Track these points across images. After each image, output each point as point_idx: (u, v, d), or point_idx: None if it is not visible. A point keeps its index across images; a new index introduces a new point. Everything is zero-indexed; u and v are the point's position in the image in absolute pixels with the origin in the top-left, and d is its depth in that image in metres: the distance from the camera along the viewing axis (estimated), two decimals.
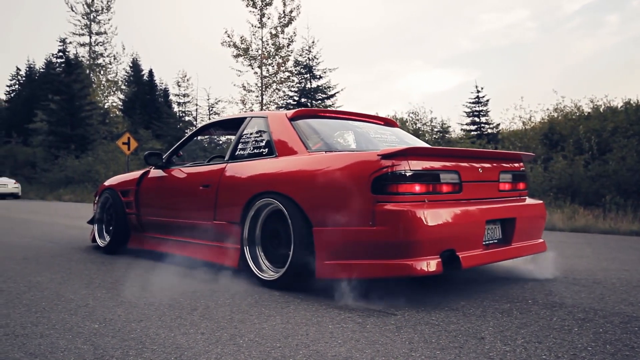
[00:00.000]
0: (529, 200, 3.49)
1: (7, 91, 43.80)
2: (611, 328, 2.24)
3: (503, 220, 3.10)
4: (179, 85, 37.29)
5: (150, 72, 39.14)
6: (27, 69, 43.04)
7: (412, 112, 30.48)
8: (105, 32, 33.54)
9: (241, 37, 26.71)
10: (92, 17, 33.12)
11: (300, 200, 3.00)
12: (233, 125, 4.30)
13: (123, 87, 35.55)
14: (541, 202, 3.54)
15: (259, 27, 26.79)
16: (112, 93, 34.19)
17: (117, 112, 34.59)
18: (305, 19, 55.97)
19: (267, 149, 3.54)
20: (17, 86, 44.04)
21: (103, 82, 33.37)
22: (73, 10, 32.73)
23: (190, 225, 3.89)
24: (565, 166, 11.25)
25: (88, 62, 32.75)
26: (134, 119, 33.64)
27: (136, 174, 4.86)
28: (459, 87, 58.47)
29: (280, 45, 27.00)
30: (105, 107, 32.89)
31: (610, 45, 49.85)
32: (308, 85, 28.53)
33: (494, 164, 3.21)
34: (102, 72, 33.77)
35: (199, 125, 4.68)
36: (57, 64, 32.17)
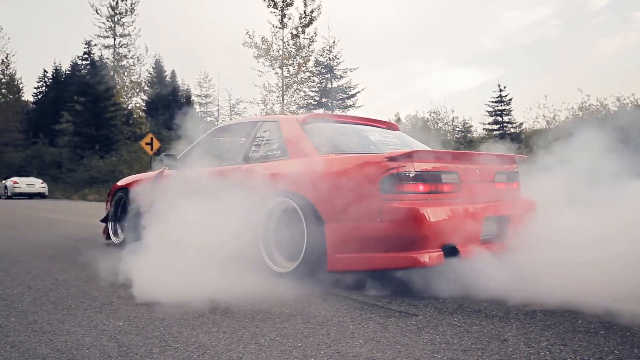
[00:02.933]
0: (522, 199, 3.64)
1: (34, 93, 44.80)
2: (639, 331, 2.19)
3: (499, 217, 3.25)
4: (200, 86, 37.71)
5: (173, 73, 39.61)
6: (54, 71, 43.93)
7: (434, 112, 30.25)
8: (129, 34, 34.09)
9: (262, 38, 26.87)
10: (116, 19, 33.67)
11: (313, 199, 3.19)
12: (245, 128, 4.47)
13: (146, 88, 36.04)
14: (533, 200, 3.65)
15: (279, 28, 26.90)
16: (136, 94, 34.71)
17: (141, 113, 35.08)
18: (325, 18, 55.94)
19: (279, 152, 3.75)
20: (44, 88, 45.01)
21: (127, 84, 33.89)
22: (98, 13, 33.35)
23: None
24: None
25: (112, 64, 33.29)
26: (157, 120, 34.06)
27: (151, 174, 5.01)
28: (481, 86, 57.91)
29: (301, 46, 27.06)
30: (129, 108, 33.40)
31: (638, 42, 48.68)
32: (329, 86, 28.54)
33: (490, 165, 3.38)
34: (125, 74, 34.31)
35: (212, 129, 4.99)
36: (83, 66, 32.84)
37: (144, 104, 36.81)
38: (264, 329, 2.27)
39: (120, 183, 5.50)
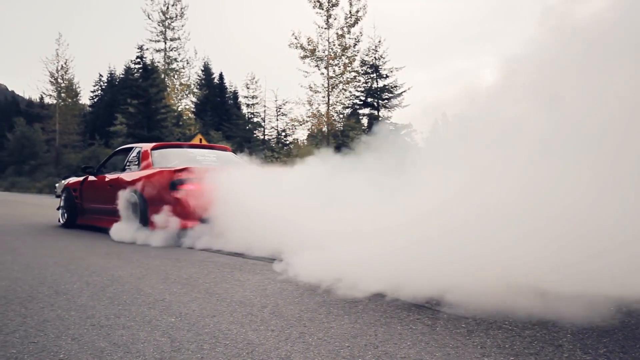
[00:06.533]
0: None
1: (91, 97, 46.67)
2: None
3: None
4: (247, 88, 38.25)
5: (221, 76, 40.38)
6: (109, 75, 45.63)
7: (480, 110, 29.48)
8: (178, 38, 34.89)
9: (308, 39, 27.00)
10: (166, 24, 34.56)
11: (144, 192, 5.76)
12: (128, 150, 7.07)
13: (195, 90, 36.87)
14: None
15: (325, 28, 26.96)
16: (185, 96, 35.52)
17: (190, 115, 35.92)
18: (371, 18, 55.57)
19: (137, 166, 6.44)
20: (99, 92, 46.82)
21: (177, 86, 34.73)
22: (150, 18, 34.32)
23: (106, 208, 6.55)
24: None
25: (163, 67, 34.21)
26: (206, 121, 34.82)
27: (80, 178, 7.76)
28: (530, 82, 56.00)
29: (347, 46, 27.01)
30: (179, 109, 34.26)
31: None
32: (374, 85, 28.38)
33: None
34: (175, 77, 35.16)
35: (114, 150, 7.97)
36: (135, 70, 33.86)
37: (193, 106, 37.70)
38: (312, 328, 2.28)
39: (67, 182, 8.18)
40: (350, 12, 26.64)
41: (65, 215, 7.80)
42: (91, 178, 7.35)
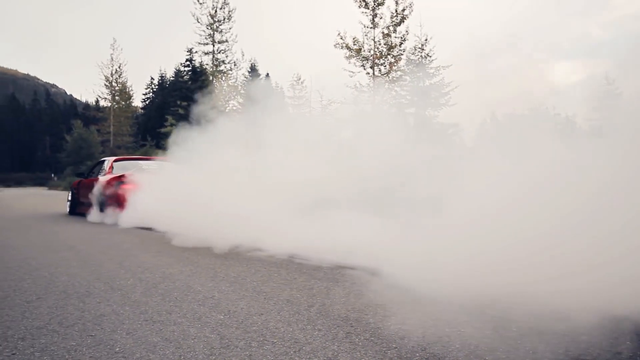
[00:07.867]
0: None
1: (142, 99, 48.15)
2: None
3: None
4: (293, 88, 38.54)
5: (267, 77, 40.79)
6: (160, 78, 46.96)
7: (532, 109, 28.59)
8: (226, 41, 35.51)
9: (353, 39, 26.91)
10: (215, 27, 35.26)
11: (103, 190, 8.65)
12: (103, 161, 10.24)
13: (242, 91, 37.43)
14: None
15: (371, 28, 26.80)
16: (233, 97, 36.13)
17: (237, 116, 36.46)
18: (417, 16, 54.75)
19: (104, 172, 9.43)
20: (151, 94, 48.26)
21: (224, 88, 35.36)
22: (198, 22, 35.09)
23: (90, 201, 9.08)
24: None
25: (211, 69, 34.91)
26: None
27: (78, 179, 11.07)
28: (586, 79, 53.91)
29: (393, 45, 26.76)
30: (227, 111, 34.88)
31: None
32: (421, 84, 28.05)
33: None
34: (223, 78, 35.81)
35: (98, 160, 11.50)
36: (185, 72, 34.74)
37: (241, 107, 38.30)
38: (358, 329, 2.28)
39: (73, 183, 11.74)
40: (396, 11, 26.36)
41: (69, 206, 11.12)
42: (83, 179, 10.61)
